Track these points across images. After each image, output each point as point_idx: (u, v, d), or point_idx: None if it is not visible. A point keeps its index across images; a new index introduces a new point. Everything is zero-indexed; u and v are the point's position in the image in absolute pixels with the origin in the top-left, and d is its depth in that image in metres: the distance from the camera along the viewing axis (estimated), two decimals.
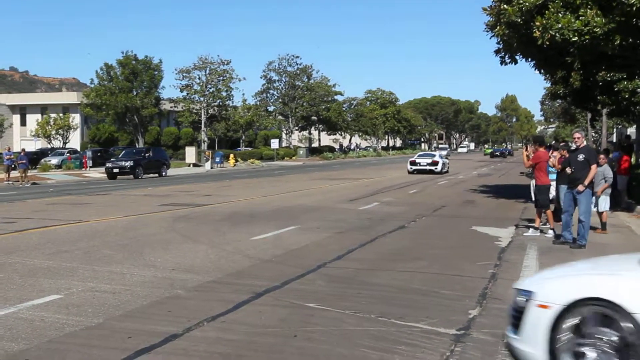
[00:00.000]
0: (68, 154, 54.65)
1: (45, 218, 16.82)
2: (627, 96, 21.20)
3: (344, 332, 6.50)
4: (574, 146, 13.11)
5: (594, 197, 14.33)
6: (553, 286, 5.21)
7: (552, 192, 14.29)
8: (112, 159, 43.44)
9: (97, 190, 29.01)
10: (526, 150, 14.56)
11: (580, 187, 12.16)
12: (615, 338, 4.73)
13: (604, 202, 14.59)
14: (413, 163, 44.69)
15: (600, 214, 14.56)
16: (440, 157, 47.38)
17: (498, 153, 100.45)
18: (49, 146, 64.15)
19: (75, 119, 70.67)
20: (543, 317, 4.99)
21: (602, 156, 14.82)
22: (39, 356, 5.79)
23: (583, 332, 4.86)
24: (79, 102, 69.54)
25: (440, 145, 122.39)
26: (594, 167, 12.24)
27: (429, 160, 44.79)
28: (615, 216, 17.42)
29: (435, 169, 43.65)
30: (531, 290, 5.20)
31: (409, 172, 43.39)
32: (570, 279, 5.34)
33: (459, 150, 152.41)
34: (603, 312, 4.80)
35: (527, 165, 14.34)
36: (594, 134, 63.54)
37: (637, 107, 28.59)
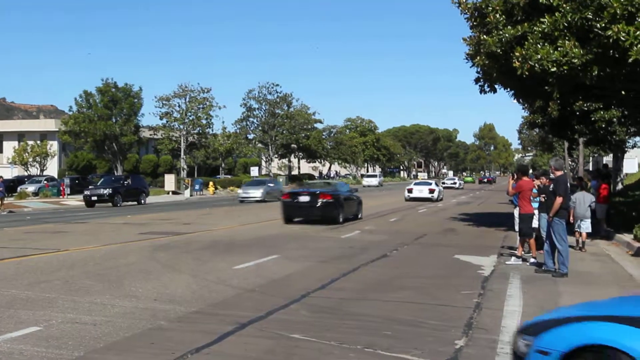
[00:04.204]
0: (45, 182, 54.12)
1: (23, 247, 16.56)
2: (603, 126, 21.59)
3: None
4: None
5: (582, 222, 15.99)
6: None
7: (535, 221, 14.40)
8: (90, 187, 42.98)
9: (75, 218, 28.68)
10: (512, 178, 14.73)
11: (548, 218, 12.52)
12: None
13: (586, 225, 16.42)
14: (443, 183, 75.50)
15: (580, 234, 16.42)
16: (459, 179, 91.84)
17: (485, 180, 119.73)
18: (25, 174, 63.48)
19: (53, 146, 70.14)
20: None
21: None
22: None
23: None
24: (57, 130, 69.04)
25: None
26: (558, 198, 12.35)
27: (453, 181, 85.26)
28: (595, 244, 17.56)
29: (456, 185, 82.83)
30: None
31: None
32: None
33: (364, 181, 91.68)
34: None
35: (510, 193, 14.72)
36: (571, 163, 64.26)
37: (614, 137, 29.13)
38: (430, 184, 47.80)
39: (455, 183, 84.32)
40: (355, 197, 27.37)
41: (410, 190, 45.58)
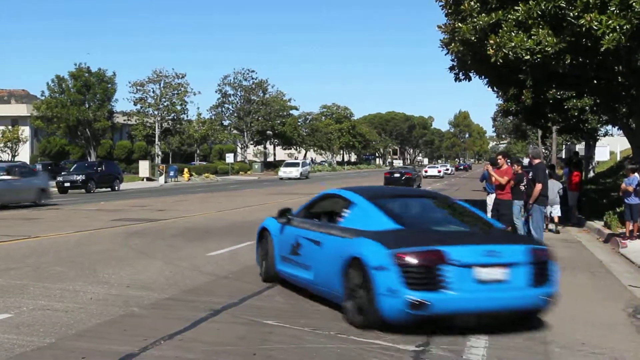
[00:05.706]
0: None
1: None
2: (576, 114, 21.80)
3: (303, 350, 6.45)
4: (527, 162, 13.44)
5: (548, 208, 16.03)
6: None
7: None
8: (63, 173, 42.53)
9: (47, 204, 28.30)
10: (491, 166, 14.54)
11: (528, 205, 12.64)
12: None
13: (556, 209, 17.57)
14: (426, 171, 77.75)
15: (552, 217, 17.41)
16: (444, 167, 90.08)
17: (462, 167, 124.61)
18: None
19: (25, 131, 69.11)
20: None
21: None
22: None
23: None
24: (29, 115, 68.06)
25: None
26: (538, 185, 12.48)
27: (446, 168, 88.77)
28: (566, 231, 17.80)
29: (449, 172, 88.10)
30: None
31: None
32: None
33: (280, 172, 65.27)
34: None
35: (503, 182, 13.76)
36: (544, 150, 64.97)
37: (586, 125, 29.46)
38: (437, 167, 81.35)
39: (448, 170, 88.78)
40: (418, 175, 49.54)
41: (426, 171, 73.58)
